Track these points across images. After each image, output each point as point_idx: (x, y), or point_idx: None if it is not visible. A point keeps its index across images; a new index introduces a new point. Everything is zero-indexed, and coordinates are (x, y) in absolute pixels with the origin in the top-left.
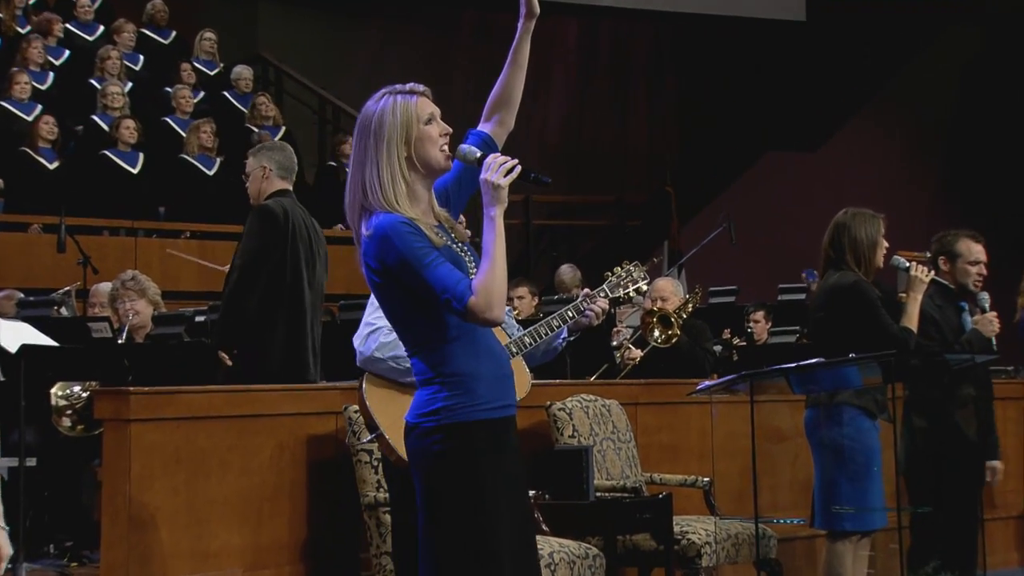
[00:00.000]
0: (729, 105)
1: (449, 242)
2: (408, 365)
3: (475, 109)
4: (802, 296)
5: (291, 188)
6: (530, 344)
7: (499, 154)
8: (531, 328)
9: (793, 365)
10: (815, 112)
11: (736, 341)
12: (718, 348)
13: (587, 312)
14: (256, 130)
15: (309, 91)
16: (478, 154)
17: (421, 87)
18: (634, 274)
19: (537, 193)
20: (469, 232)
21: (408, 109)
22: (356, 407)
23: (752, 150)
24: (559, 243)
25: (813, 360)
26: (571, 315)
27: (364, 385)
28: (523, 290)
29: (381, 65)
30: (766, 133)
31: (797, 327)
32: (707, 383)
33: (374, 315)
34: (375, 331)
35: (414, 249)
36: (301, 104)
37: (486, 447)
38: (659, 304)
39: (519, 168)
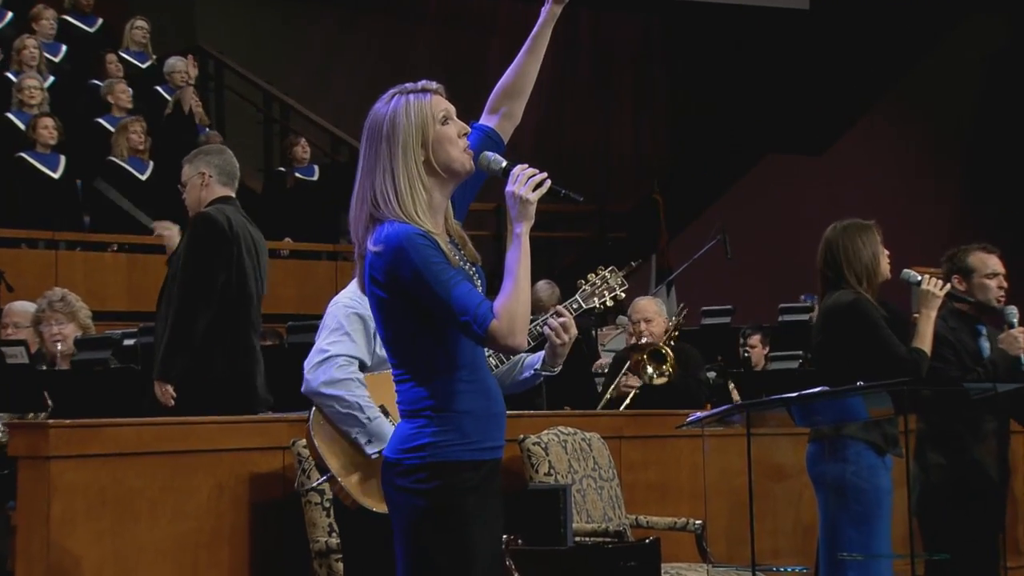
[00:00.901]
0: (725, 103)
1: (462, 262)
2: (351, 412)
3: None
4: (805, 317)
5: (234, 195)
6: (495, 367)
7: (527, 165)
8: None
9: (794, 395)
10: (820, 111)
11: (725, 367)
12: (711, 375)
13: (544, 328)
14: (207, 130)
15: (253, 86)
16: (503, 164)
17: (434, 84)
18: (610, 281)
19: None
20: (479, 255)
21: (422, 109)
22: (304, 443)
23: (750, 153)
24: (535, 257)
25: (815, 389)
26: (536, 331)
27: (312, 420)
28: None
29: (335, 57)
30: (766, 134)
31: (799, 352)
32: (698, 414)
33: (328, 340)
34: (327, 359)
35: (431, 264)
36: (245, 101)
37: (473, 488)
38: (643, 326)
39: (549, 182)
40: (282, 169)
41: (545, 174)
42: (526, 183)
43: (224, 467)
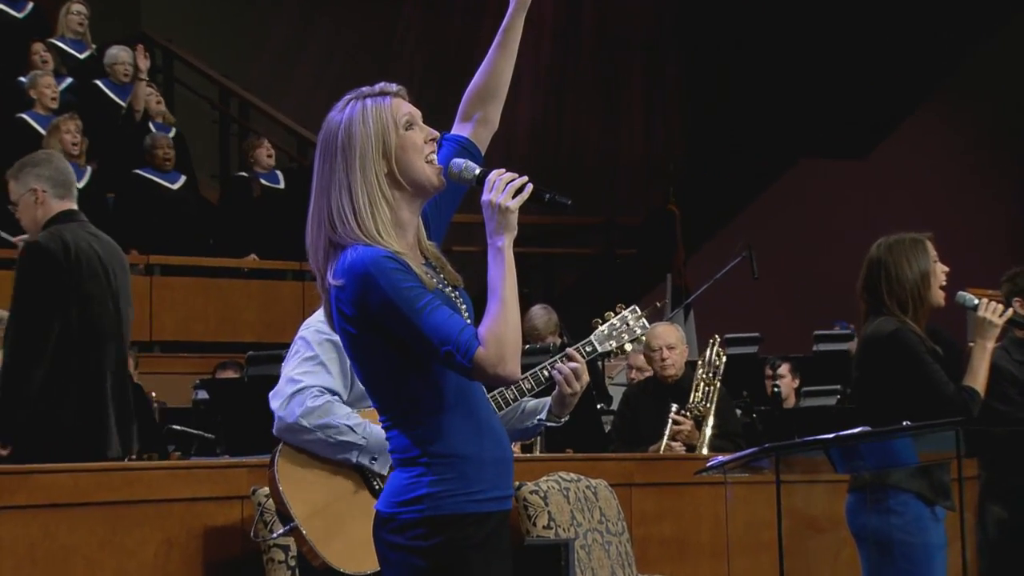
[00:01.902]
0: (751, 100)
1: (440, 285)
2: (343, 438)
3: (426, 99)
4: (843, 347)
5: (75, 207)
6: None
7: (504, 170)
8: (495, 393)
9: (831, 436)
10: (863, 108)
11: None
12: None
13: (553, 372)
14: (172, 130)
15: (207, 80)
16: (477, 171)
17: (394, 86)
18: (631, 322)
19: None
20: (460, 277)
21: (382, 114)
22: (266, 492)
23: (781, 157)
24: (530, 278)
25: (856, 430)
26: (545, 375)
27: (277, 462)
28: None
29: (302, 46)
30: (799, 135)
31: (836, 386)
32: (720, 458)
33: (299, 370)
34: (300, 391)
35: (402, 290)
36: (198, 97)
37: (478, 545)
38: (665, 354)
39: (531, 187)
40: (243, 175)
41: (525, 178)
42: (504, 189)
43: (174, 520)
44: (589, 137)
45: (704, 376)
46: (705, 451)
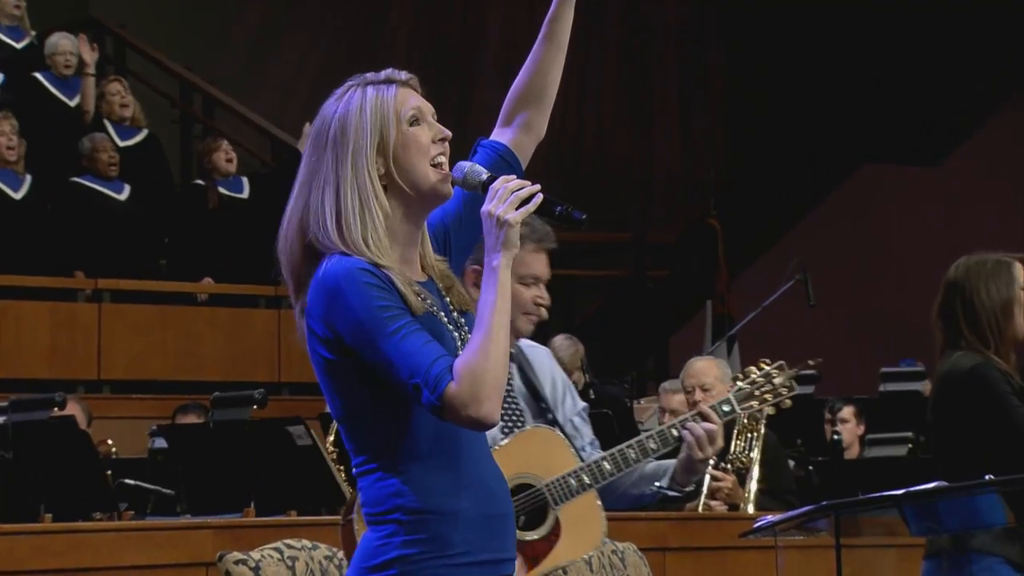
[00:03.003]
0: (804, 99)
1: (437, 309)
2: None
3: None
4: (916, 386)
5: None
6: (611, 473)
7: (513, 176)
8: (615, 449)
9: (901, 492)
10: (936, 108)
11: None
12: (789, 462)
13: (683, 433)
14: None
15: (167, 73)
16: (484, 176)
17: (403, 74)
18: (776, 380)
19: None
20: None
21: (383, 105)
22: (238, 558)
23: (841, 163)
24: (550, 302)
25: (931, 484)
26: (674, 435)
27: (356, 514)
28: None
29: (277, 35)
30: (861, 139)
31: (908, 433)
32: (769, 518)
33: None
34: None
35: (375, 310)
36: (155, 93)
37: None
38: (699, 395)
39: (540, 197)
40: (199, 183)
41: (536, 187)
42: (507, 199)
43: None
44: (614, 139)
45: (744, 419)
46: (751, 510)
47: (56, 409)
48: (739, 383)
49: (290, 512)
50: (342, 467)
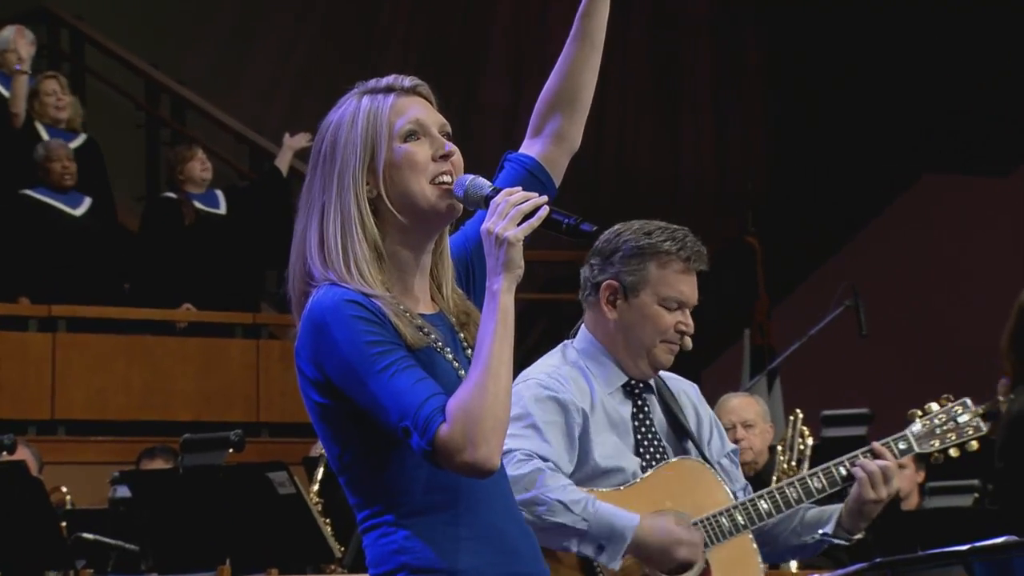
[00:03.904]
0: (854, 98)
1: (442, 344)
2: (556, 519)
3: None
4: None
5: None
6: (768, 513)
7: (518, 188)
8: (774, 487)
9: (966, 547)
10: (1005, 111)
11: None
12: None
13: (854, 471)
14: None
15: (131, 71)
16: (487, 190)
17: (407, 80)
18: (960, 419)
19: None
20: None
21: (375, 118)
22: None
23: (895, 174)
24: (563, 331)
25: (1000, 539)
26: (843, 474)
27: None
28: None
29: (256, 29)
30: (921, 146)
31: (974, 481)
32: None
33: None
34: (505, 455)
35: (363, 345)
36: (117, 94)
37: None
38: (740, 433)
39: (546, 210)
40: (170, 196)
41: (543, 199)
42: (508, 214)
43: None
44: (638, 146)
45: (785, 465)
46: (793, 567)
47: (3, 453)
48: (917, 419)
49: (271, 570)
50: (329, 519)
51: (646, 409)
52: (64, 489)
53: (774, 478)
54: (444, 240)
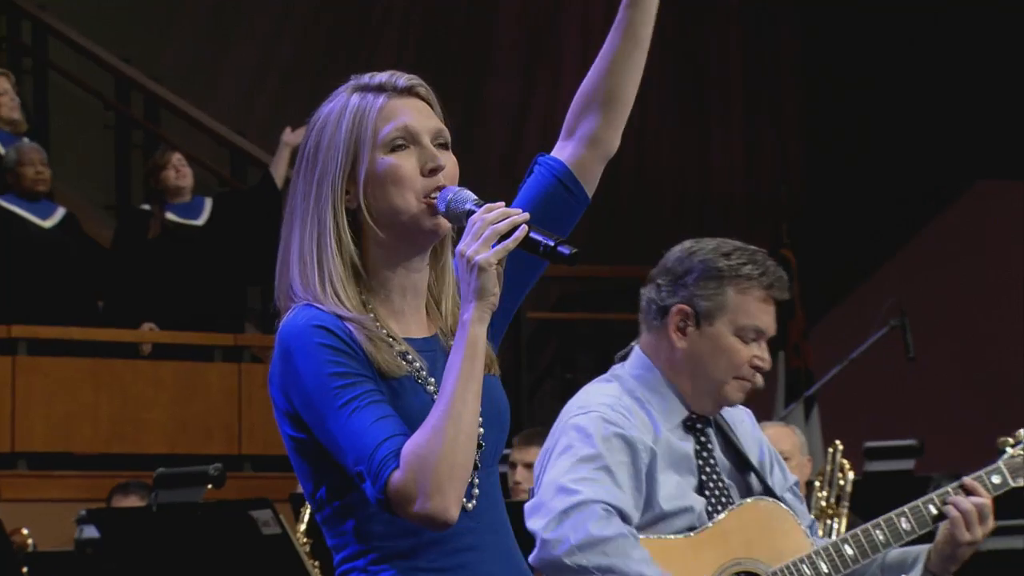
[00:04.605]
0: (900, 97)
1: (426, 375)
2: None
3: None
4: None
5: None
6: (853, 559)
7: (500, 204)
8: (859, 530)
9: None
10: None
11: None
12: None
13: (945, 509)
14: (22, 140)
15: (100, 66)
16: (468, 204)
17: (402, 79)
18: None
19: None
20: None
21: (361, 121)
22: None
23: (945, 181)
24: (577, 353)
25: None
26: (933, 512)
27: None
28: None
29: (237, 20)
30: (973, 149)
31: None
32: None
33: (575, 474)
34: (579, 507)
35: (325, 377)
36: (83, 91)
37: None
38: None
39: (523, 230)
40: (145, 207)
41: (524, 216)
42: (483, 235)
43: None
44: (660, 150)
45: (824, 503)
46: None
47: None
48: (1008, 449)
49: None
50: (318, 562)
51: (709, 446)
52: (25, 531)
53: (812, 516)
54: (446, 253)
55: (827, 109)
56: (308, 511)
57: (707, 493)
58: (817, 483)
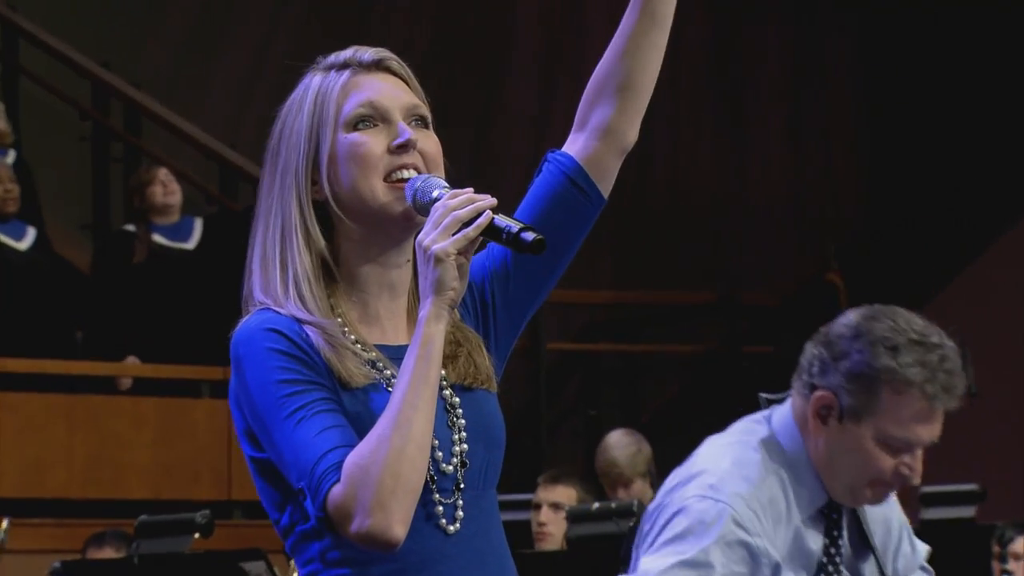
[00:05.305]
0: (962, 106)
1: (378, 377)
2: None
3: (429, 89)
4: None
5: None
6: None
7: (470, 190)
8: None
9: None
10: None
11: None
12: None
13: None
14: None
15: (76, 72)
16: (436, 192)
17: (368, 53)
18: None
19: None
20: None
21: (324, 101)
22: None
23: (1010, 200)
24: (603, 388)
25: None
26: None
27: None
28: (567, 492)
29: (226, 20)
30: None
31: None
32: None
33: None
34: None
35: (270, 385)
36: (57, 100)
37: None
38: None
39: (487, 216)
40: (129, 229)
41: (490, 202)
42: (443, 223)
43: None
44: (697, 162)
45: None
46: None
47: None
48: None
49: None
50: None
51: (839, 541)
52: None
53: None
54: None
55: (882, 117)
56: None
57: None
58: None
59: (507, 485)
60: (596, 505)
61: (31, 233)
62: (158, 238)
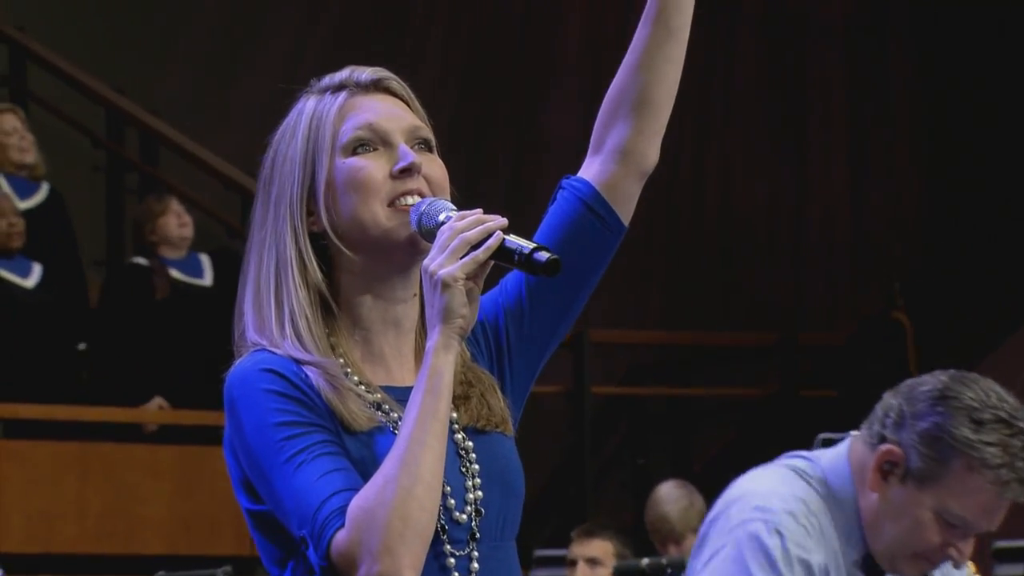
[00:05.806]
0: None
1: (381, 420)
2: None
3: (458, 109)
4: None
5: None
6: None
7: (477, 211)
8: None
9: None
10: None
11: None
12: None
13: None
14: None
15: (89, 98)
16: (440, 217)
17: (365, 73)
18: None
19: (596, 319)
20: (506, 413)
21: (319, 126)
22: None
23: None
24: (651, 435)
25: None
26: None
27: None
28: (604, 546)
29: (247, 44)
30: None
31: None
32: None
33: None
34: None
35: (267, 428)
36: (69, 127)
37: None
38: None
39: (497, 237)
40: (140, 262)
41: (501, 223)
42: (451, 246)
43: None
44: (750, 193)
45: None
46: None
47: None
48: None
49: None
50: None
51: None
52: None
53: None
54: None
55: (950, 146)
56: None
57: None
58: None
59: (547, 539)
60: (646, 561)
61: (37, 270)
62: (175, 273)
